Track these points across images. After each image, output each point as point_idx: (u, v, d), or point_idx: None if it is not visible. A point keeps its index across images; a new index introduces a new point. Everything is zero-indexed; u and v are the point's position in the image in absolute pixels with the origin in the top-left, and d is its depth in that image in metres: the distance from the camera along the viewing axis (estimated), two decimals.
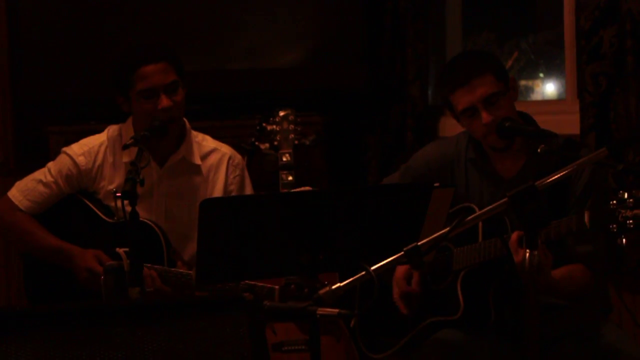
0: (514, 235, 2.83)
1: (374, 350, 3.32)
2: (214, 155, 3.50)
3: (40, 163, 4.58)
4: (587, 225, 2.74)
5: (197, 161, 3.46)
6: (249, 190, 3.56)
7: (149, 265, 3.19)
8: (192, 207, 3.40)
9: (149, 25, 4.51)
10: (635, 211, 2.61)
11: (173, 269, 3.28)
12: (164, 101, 3.28)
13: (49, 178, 3.45)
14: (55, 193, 3.45)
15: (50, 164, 3.48)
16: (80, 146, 3.47)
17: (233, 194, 3.50)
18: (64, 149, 3.51)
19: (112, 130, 3.48)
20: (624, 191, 2.65)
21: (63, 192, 3.45)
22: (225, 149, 3.53)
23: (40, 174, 3.48)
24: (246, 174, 3.56)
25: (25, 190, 3.46)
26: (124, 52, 3.47)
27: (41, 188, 3.45)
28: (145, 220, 3.34)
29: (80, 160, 3.44)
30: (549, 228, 2.83)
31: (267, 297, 3.11)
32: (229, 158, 3.52)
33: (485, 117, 3.05)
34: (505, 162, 3.18)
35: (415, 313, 3.18)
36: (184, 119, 3.45)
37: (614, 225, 2.64)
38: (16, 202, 3.45)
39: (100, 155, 3.44)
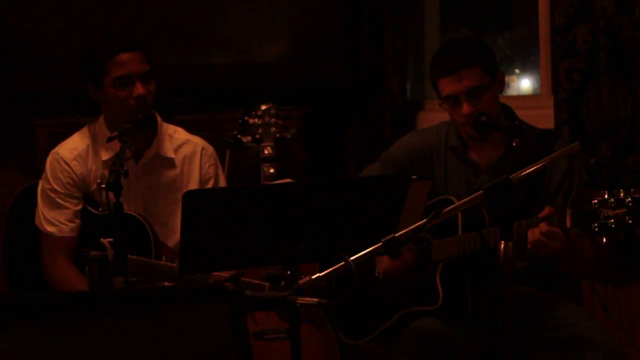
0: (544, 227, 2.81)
1: (352, 337, 3.33)
2: (186, 147, 3.48)
3: (25, 155, 4.57)
4: (569, 224, 2.75)
5: (171, 154, 3.44)
6: (222, 180, 3.54)
7: (134, 257, 3.18)
8: (169, 200, 3.39)
9: (134, 19, 4.50)
10: (616, 211, 2.63)
11: (160, 262, 3.26)
12: (140, 89, 3.26)
13: (61, 193, 3.38)
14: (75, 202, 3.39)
15: (48, 185, 3.38)
16: (70, 151, 3.40)
17: (210, 183, 3.49)
18: (54, 157, 3.41)
19: (90, 130, 3.43)
20: (605, 191, 2.67)
21: (79, 197, 3.39)
22: (197, 141, 3.51)
23: (47, 199, 3.38)
24: (219, 164, 3.55)
25: (57, 222, 3.37)
26: (97, 40, 3.44)
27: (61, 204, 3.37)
28: (133, 214, 3.33)
29: (74, 165, 3.38)
30: (530, 223, 2.85)
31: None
32: (202, 149, 3.50)
33: (465, 108, 3.07)
34: (484, 151, 3.20)
35: (399, 298, 3.18)
36: (156, 114, 3.40)
37: (595, 225, 2.65)
38: (59, 235, 3.36)
39: (90, 159, 3.39)
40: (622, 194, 2.64)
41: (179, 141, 3.47)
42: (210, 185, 3.48)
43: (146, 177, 3.41)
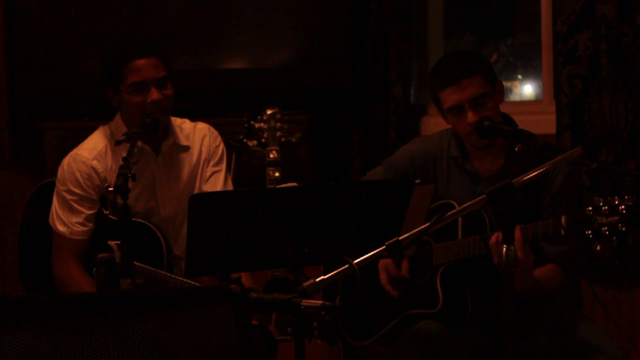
0: (494, 237, 2.83)
1: (356, 338, 3.33)
2: (195, 133, 3.47)
3: (35, 158, 4.57)
4: (564, 230, 2.74)
5: (185, 142, 3.44)
6: (225, 159, 3.53)
7: (141, 265, 3.15)
8: (192, 186, 3.41)
9: (144, 25, 4.51)
10: (610, 219, 2.62)
11: (167, 273, 3.24)
12: (154, 94, 3.26)
13: (77, 195, 3.34)
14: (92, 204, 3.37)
15: (64, 187, 3.35)
16: (89, 151, 3.37)
17: (216, 158, 3.48)
18: (73, 158, 3.36)
19: (105, 131, 3.41)
20: (600, 198, 2.66)
21: (95, 201, 3.37)
22: (202, 125, 3.51)
23: (62, 200, 3.35)
24: (223, 144, 3.52)
25: (69, 223, 3.35)
26: (115, 45, 3.43)
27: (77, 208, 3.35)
28: (148, 224, 3.32)
29: (95, 164, 3.35)
30: (526, 230, 2.84)
31: None
32: (208, 129, 3.50)
33: (470, 116, 3.06)
34: (486, 161, 3.19)
35: (401, 301, 3.18)
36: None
37: (590, 232, 2.65)
38: (69, 237, 3.34)
39: (110, 158, 3.37)
40: (616, 201, 2.64)
41: (188, 130, 3.47)
42: (216, 159, 3.48)
43: (168, 167, 3.40)
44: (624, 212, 2.60)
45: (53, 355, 2.13)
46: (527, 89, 5.28)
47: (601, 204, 2.64)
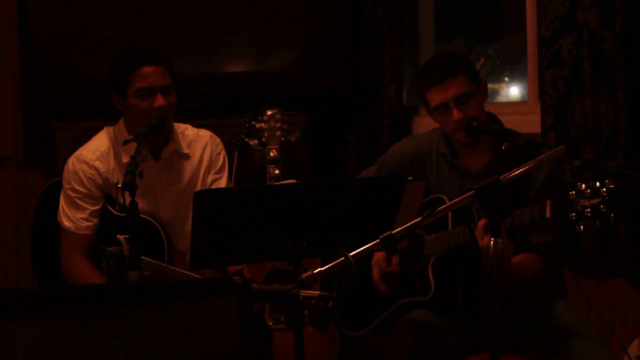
0: (481, 223, 2.84)
1: (351, 329, 3.33)
2: (197, 141, 3.47)
3: (47, 156, 4.55)
4: (549, 214, 2.75)
5: (186, 150, 3.44)
6: (226, 167, 3.52)
7: (148, 260, 3.14)
8: (191, 192, 3.39)
9: (151, 31, 4.51)
10: (592, 201, 2.63)
11: (172, 267, 3.23)
12: (160, 100, 3.25)
13: (81, 192, 3.34)
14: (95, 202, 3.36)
15: (69, 185, 3.35)
16: (92, 152, 3.36)
17: (222, 163, 3.47)
18: (77, 158, 3.36)
19: (109, 132, 3.41)
20: (582, 183, 2.67)
21: (98, 198, 3.36)
22: (204, 133, 3.50)
23: (67, 197, 3.35)
24: (224, 152, 3.52)
25: (74, 219, 3.35)
26: (124, 52, 3.43)
27: (82, 205, 3.34)
28: (150, 219, 3.31)
29: (98, 164, 3.35)
30: (513, 216, 2.84)
31: None
32: (210, 137, 3.50)
33: (455, 114, 3.07)
34: (473, 157, 3.19)
35: (393, 292, 3.18)
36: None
37: (573, 214, 2.66)
38: (75, 231, 3.34)
39: (112, 159, 3.37)
40: (597, 185, 2.65)
41: (190, 138, 3.47)
42: (217, 167, 3.47)
43: (167, 172, 3.40)
44: (605, 194, 2.62)
45: (64, 344, 2.12)
46: (514, 91, 5.29)
47: (583, 187, 2.65)
